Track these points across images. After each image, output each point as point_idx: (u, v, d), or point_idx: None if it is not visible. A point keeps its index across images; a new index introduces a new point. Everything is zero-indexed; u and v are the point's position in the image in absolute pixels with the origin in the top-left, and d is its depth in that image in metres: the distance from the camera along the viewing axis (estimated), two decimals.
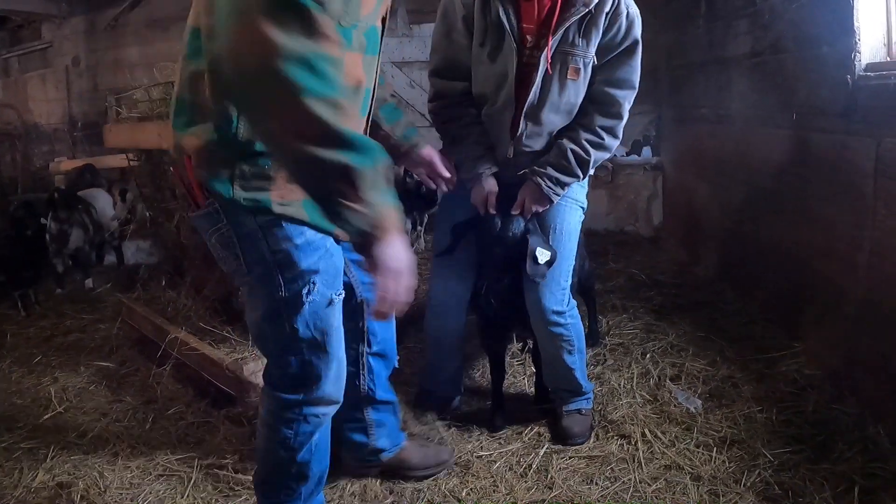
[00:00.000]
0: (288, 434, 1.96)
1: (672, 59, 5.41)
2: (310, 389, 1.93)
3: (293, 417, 1.95)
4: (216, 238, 1.83)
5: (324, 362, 1.92)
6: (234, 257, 1.83)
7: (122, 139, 3.84)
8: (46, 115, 9.51)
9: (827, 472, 2.35)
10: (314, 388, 1.93)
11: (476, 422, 2.85)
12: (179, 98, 1.79)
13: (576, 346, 2.71)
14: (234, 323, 3.35)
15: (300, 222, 1.79)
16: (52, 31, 9.19)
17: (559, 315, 2.62)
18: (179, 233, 3.55)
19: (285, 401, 1.94)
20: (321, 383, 1.93)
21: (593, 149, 2.47)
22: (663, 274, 4.75)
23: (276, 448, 1.99)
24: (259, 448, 2.09)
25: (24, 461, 2.70)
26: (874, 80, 2.62)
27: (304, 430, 1.97)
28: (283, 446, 1.97)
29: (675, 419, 2.79)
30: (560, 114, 2.50)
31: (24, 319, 4.40)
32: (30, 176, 8.49)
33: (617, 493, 2.37)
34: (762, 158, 3.77)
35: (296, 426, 1.95)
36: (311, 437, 1.99)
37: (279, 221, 1.78)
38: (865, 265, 2.69)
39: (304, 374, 1.91)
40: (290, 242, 1.80)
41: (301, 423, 1.95)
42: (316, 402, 1.95)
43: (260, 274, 1.83)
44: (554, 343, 2.67)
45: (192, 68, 1.71)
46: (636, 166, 6.13)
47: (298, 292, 1.83)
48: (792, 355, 3.20)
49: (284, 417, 1.95)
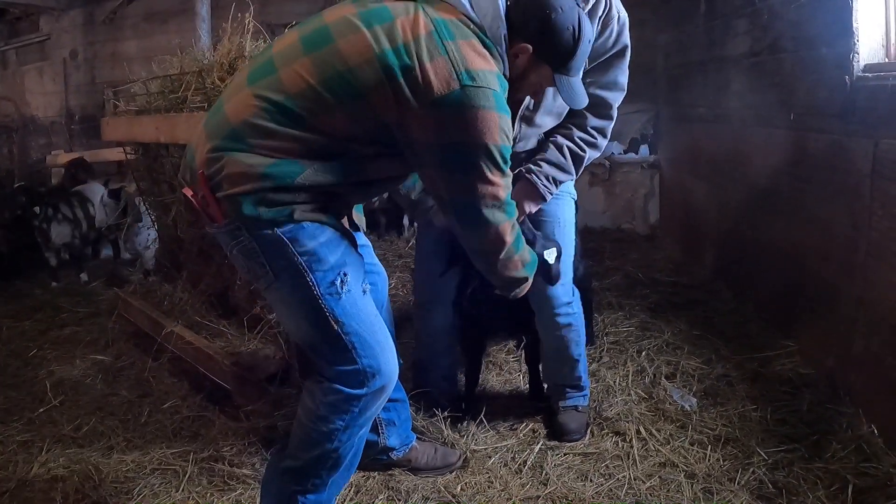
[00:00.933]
0: (339, 425, 1.94)
1: (670, 57, 5.41)
2: (367, 382, 1.92)
3: (350, 409, 1.93)
4: (238, 250, 1.88)
5: (377, 353, 1.93)
6: (259, 266, 1.87)
7: (120, 133, 3.82)
8: (44, 108, 9.48)
9: (820, 471, 2.36)
10: (372, 380, 1.93)
11: (471, 418, 2.85)
12: (236, 129, 1.82)
13: (581, 338, 2.77)
14: (231, 317, 3.35)
15: (320, 221, 1.87)
16: (51, 23, 9.16)
17: (568, 306, 2.70)
18: (176, 227, 3.54)
19: (347, 394, 1.92)
20: (378, 375, 1.93)
21: (587, 147, 2.53)
22: (659, 272, 4.76)
23: (321, 440, 1.96)
24: (300, 438, 2.02)
25: (18, 454, 2.70)
26: (872, 81, 2.62)
27: (356, 423, 1.96)
28: (330, 438, 1.95)
29: (670, 417, 2.80)
30: (552, 115, 2.53)
31: (19, 312, 4.40)
32: (27, 169, 8.48)
33: (611, 490, 2.37)
34: (759, 158, 3.77)
35: (348, 418, 1.94)
36: (360, 431, 2.00)
37: (302, 227, 1.83)
38: (861, 265, 2.70)
39: (359, 369, 1.92)
40: (316, 241, 1.85)
41: (354, 416, 1.94)
42: (372, 395, 1.94)
43: (290, 278, 1.86)
44: (561, 335, 2.71)
45: (269, 125, 1.79)
46: (633, 164, 6.15)
47: (334, 286, 1.87)
48: (787, 354, 3.21)
49: (341, 409, 1.93)
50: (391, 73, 1.74)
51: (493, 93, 1.78)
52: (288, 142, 1.78)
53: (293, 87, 1.78)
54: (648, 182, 6.04)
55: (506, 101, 1.86)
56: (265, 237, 1.83)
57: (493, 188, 1.86)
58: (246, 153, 1.78)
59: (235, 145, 1.79)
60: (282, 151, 1.78)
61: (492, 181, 1.85)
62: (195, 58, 3.38)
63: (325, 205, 1.89)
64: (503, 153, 1.84)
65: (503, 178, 1.88)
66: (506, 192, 1.90)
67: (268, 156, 1.78)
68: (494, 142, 1.80)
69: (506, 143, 1.84)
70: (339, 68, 1.76)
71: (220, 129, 1.83)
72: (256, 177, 1.77)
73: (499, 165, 1.85)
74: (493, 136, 1.79)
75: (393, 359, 2.00)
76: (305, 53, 1.81)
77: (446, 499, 2.36)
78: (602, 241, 5.60)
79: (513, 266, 2.06)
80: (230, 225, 1.84)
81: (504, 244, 1.97)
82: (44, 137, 9.36)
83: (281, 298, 1.95)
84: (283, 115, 1.77)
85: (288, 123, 1.78)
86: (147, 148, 3.67)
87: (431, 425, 2.75)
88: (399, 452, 2.48)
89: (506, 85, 1.88)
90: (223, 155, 1.80)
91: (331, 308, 1.87)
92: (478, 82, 1.76)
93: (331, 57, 1.78)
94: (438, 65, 1.74)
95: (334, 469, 2.02)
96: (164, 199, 3.59)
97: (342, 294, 1.88)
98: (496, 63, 1.87)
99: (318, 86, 1.77)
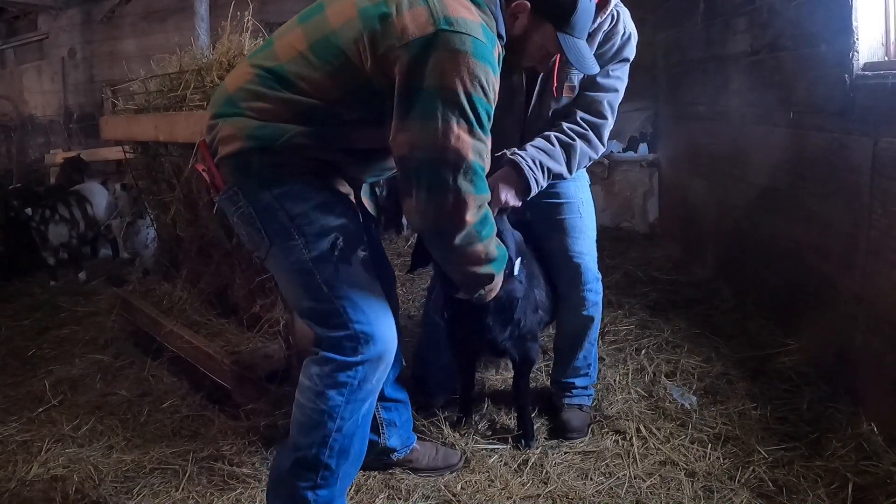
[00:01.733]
0: (338, 401, 1.91)
1: (670, 56, 5.41)
2: (362, 349, 1.90)
3: (345, 381, 1.90)
4: (238, 216, 1.93)
5: (371, 319, 1.91)
6: (256, 231, 1.91)
7: (119, 131, 3.81)
8: (42, 107, 9.47)
9: (821, 469, 2.36)
10: (367, 347, 1.90)
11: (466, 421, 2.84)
12: (232, 95, 1.90)
13: (599, 321, 2.79)
14: (230, 316, 3.34)
15: (312, 184, 1.89)
16: (49, 22, 9.15)
17: (597, 282, 2.72)
18: (175, 225, 3.54)
19: (342, 362, 1.90)
20: (372, 342, 1.91)
21: (577, 137, 2.40)
22: (659, 270, 4.77)
23: (322, 419, 1.92)
24: (301, 423, 1.98)
25: (18, 454, 2.70)
26: (872, 80, 2.62)
27: (356, 397, 1.92)
28: (331, 415, 1.92)
29: (670, 415, 2.80)
30: (557, 116, 2.50)
31: (18, 312, 4.39)
32: (25, 168, 8.47)
33: (612, 488, 2.37)
34: (759, 156, 3.77)
35: (346, 392, 1.91)
36: (361, 407, 1.95)
37: (294, 188, 1.87)
38: (861, 263, 2.70)
39: (353, 334, 1.90)
40: (308, 203, 1.87)
41: (353, 390, 1.91)
42: (368, 363, 1.91)
43: (283, 241, 1.89)
44: (585, 316, 2.71)
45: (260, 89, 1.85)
46: (632, 162, 6.14)
47: (325, 249, 1.87)
48: (787, 352, 3.21)
49: (336, 380, 1.91)
50: (369, 23, 1.75)
51: (473, 40, 1.70)
52: (276, 104, 1.83)
53: (285, 55, 1.85)
54: (648, 180, 6.04)
55: (497, 59, 1.79)
56: (260, 201, 1.88)
57: (458, 143, 1.73)
58: (237, 117, 1.86)
59: (230, 110, 1.87)
60: (270, 114, 1.83)
61: (458, 135, 1.73)
62: (194, 56, 3.38)
63: (318, 170, 1.91)
64: (477, 107, 1.73)
65: (472, 137, 1.75)
66: (475, 156, 1.77)
67: (256, 118, 1.84)
68: (466, 89, 1.70)
69: (480, 95, 1.73)
70: (325, 32, 1.82)
71: (219, 99, 1.94)
72: (244, 137, 1.84)
73: (468, 118, 1.73)
74: (465, 82, 1.70)
75: (390, 327, 1.97)
76: (299, 24, 1.90)
77: (446, 497, 2.35)
78: (601, 240, 5.51)
79: (474, 256, 1.92)
80: (229, 191, 1.91)
81: (464, 222, 1.82)
82: (42, 136, 9.35)
83: (277, 265, 1.97)
84: (273, 79, 1.84)
85: (277, 87, 1.83)
86: (146, 147, 3.66)
87: (432, 425, 2.76)
88: (400, 453, 2.48)
89: (494, 40, 1.80)
90: (218, 122, 1.89)
91: (321, 271, 1.87)
92: (456, 27, 1.69)
93: (320, 23, 1.84)
94: (417, 12, 1.72)
95: (343, 456, 1.97)
96: (163, 198, 3.59)
97: (334, 257, 1.87)
98: (487, 18, 1.81)
99: (306, 51, 1.83)
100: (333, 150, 1.90)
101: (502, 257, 2.02)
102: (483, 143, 1.79)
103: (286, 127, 1.83)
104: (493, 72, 1.75)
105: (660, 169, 5.94)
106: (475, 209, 1.83)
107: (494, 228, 1.97)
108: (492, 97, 1.77)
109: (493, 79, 1.76)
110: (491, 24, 1.83)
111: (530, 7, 1.91)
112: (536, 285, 2.57)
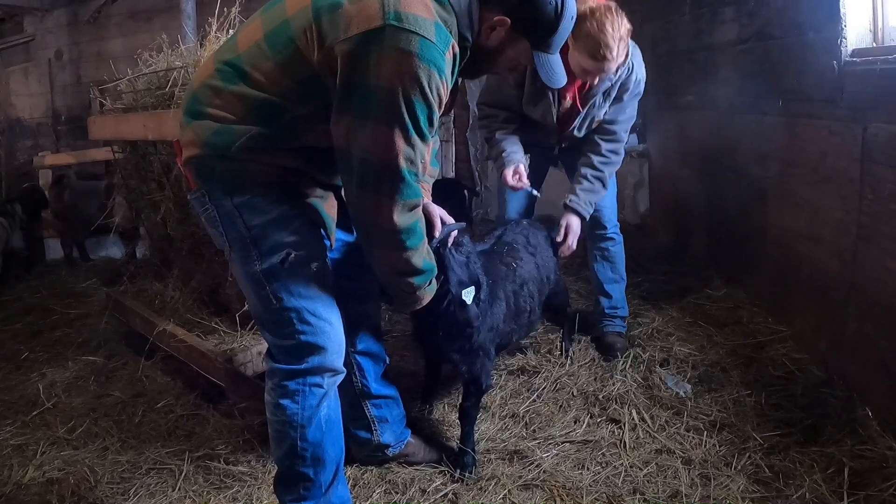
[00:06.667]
0: (293, 409, 1.95)
1: (658, 46, 5.41)
2: (307, 358, 1.94)
3: (295, 389, 1.95)
4: (205, 217, 1.95)
5: (317, 330, 1.94)
6: (219, 234, 1.93)
7: (107, 131, 3.78)
8: (29, 110, 9.40)
9: (816, 455, 2.38)
10: (312, 356, 1.94)
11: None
12: (196, 92, 1.89)
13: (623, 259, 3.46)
14: (223, 314, 3.33)
15: (273, 197, 1.89)
16: (35, 24, 9.07)
17: (616, 226, 3.39)
18: (166, 224, 3.52)
19: (285, 371, 1.95)
20: (318, 351, 1.94)
21: (604, 166, 3.07)
22: (650, 261, 4.77)
23: (285, 430, 1.97)
24: (272, 438, 2.05)
25: (13, 458, 2.69)
26: (860, 66, 2.63)
27: (309, 403, 1.96)
28: (291, 424, 1.96)
29: (665, 404, 2.81)
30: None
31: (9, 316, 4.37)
32: (13, 171, 8.41)
33: (608, 477, 2.38)
34: (748, 145, 3.78)
35: (300, 399, 1.95)
36: (317, 411, 1.97)
37: (255, 200, 1.87)
38: (852, 249, 2.71)
39: (299, 344, 1.93)
40: (265, 216, 1.88)
41: (304, 396, 1.95)
42: (315, 371, 1.95)
43: (239, 250, 1.91)
44: (612, 250, 3.41)
45: (218, 84, 1.83)
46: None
47: (276, 263, 1.88)
48: (780, 340, 3.23)
49: (287, 390, 1.96)
50: (318, 13, 1.72)
51: (421, 40, 1.62)
52: (229, 99, 1.82)
53: (243, 45, 1.85)
54: (638, 171, 6.03)
55: (453, 59, 1.74)
56: (223, 206, 1.89)
57: (388, 147, 1.69)
58: (197, 120, 1.85)
59: (193, 108, 1.88)
60: (226, 111, 1.82)
61: (389, 139, 1.69)
62: (181, 54, 3.36)
63: (281, 179, 1.89)
64: (416, 111, 1.67)
65: (404, 143, 1.70)
66: (405, 162, 1.72)
67: (212, 120, 1.83)
68: (406, 92, 1.64)
69: (420, 99, 1.66)
70: (280, 20, 1.79)
71: (187, 96, 1.94)
72: (201, 144, 1.85)
73: (403, 122, 1.67)
74: (405, 84, 1.63)
75: (336, 336, 1.99)
76: (261, 14, 1.89)
77: (443, 490, 2.36)
78: None
79: (398, 263, 1.90)
80: (198, 192, 1.92)
81: (386, 224, 1.80)
82: (30, 139, 9.28)
83: (236, 270, 2.00)
84: (232, 72, 1.82)
85: (233, 80, 1.82)
86: (135, 146, 3.64)
87: (426, 419, 2.75)
88: (395, 448, 2.48)
89: (448, 40, 1.70)
90: (185, 123, 1.89)
91: (269, 282, 1.90)
92: (405, 24, 1.62)
93: (278, 11, 1.82)
94: (368, 3, 1.65)
95: (317, 465, 2.01)
96: (152, 197, 3.56)
97: (283, 271, 1.89)
98: (446, 15, 1.74)
99: (261, 40, 1.81)
100: (287, 151, 1.86)
101: (429, 272, 1.99)
102: (415, 148, 1.73)
103: (238, 130, 1.80)
104: (439, 75, 1.68)
105: (650, 160, 5.93)
106: (399, 214, 1.79)
107: (423, 240, 1.92)
108: (433, 101, 1.69)
109: (439, 82, 1.69)
110: (450, 20, 1.76)
111: (510, 23, 1.85)
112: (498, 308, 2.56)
